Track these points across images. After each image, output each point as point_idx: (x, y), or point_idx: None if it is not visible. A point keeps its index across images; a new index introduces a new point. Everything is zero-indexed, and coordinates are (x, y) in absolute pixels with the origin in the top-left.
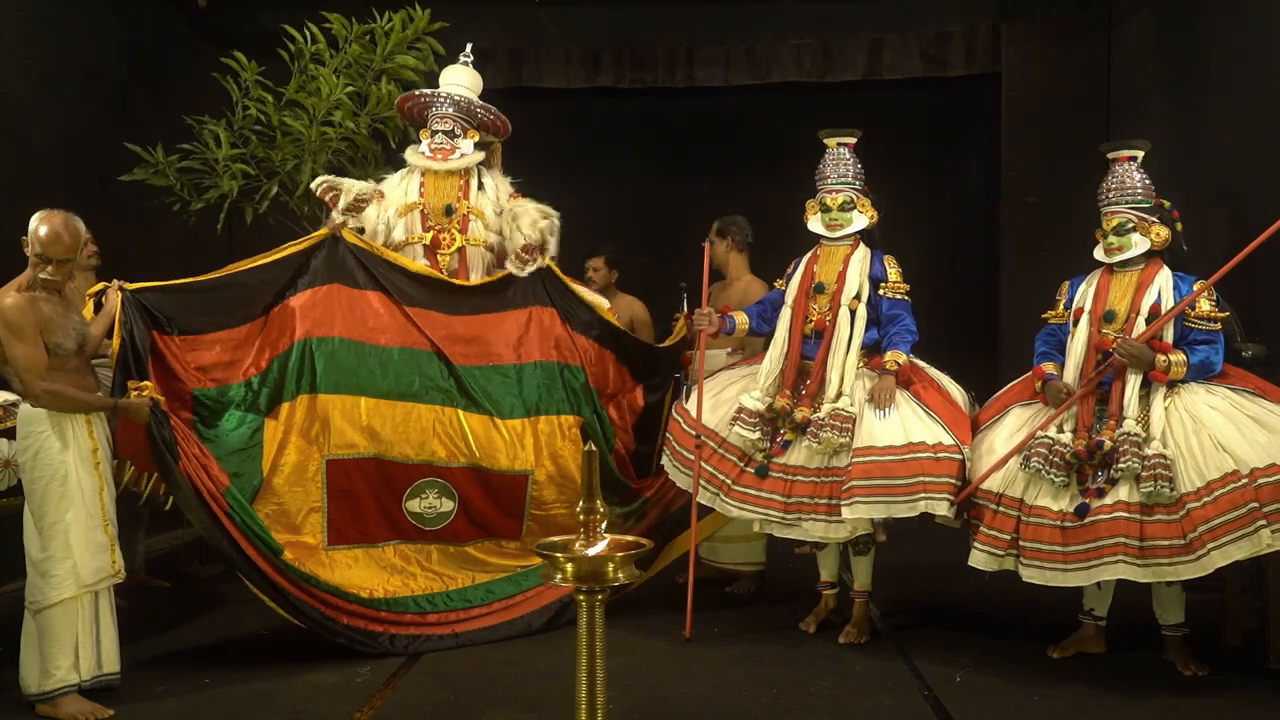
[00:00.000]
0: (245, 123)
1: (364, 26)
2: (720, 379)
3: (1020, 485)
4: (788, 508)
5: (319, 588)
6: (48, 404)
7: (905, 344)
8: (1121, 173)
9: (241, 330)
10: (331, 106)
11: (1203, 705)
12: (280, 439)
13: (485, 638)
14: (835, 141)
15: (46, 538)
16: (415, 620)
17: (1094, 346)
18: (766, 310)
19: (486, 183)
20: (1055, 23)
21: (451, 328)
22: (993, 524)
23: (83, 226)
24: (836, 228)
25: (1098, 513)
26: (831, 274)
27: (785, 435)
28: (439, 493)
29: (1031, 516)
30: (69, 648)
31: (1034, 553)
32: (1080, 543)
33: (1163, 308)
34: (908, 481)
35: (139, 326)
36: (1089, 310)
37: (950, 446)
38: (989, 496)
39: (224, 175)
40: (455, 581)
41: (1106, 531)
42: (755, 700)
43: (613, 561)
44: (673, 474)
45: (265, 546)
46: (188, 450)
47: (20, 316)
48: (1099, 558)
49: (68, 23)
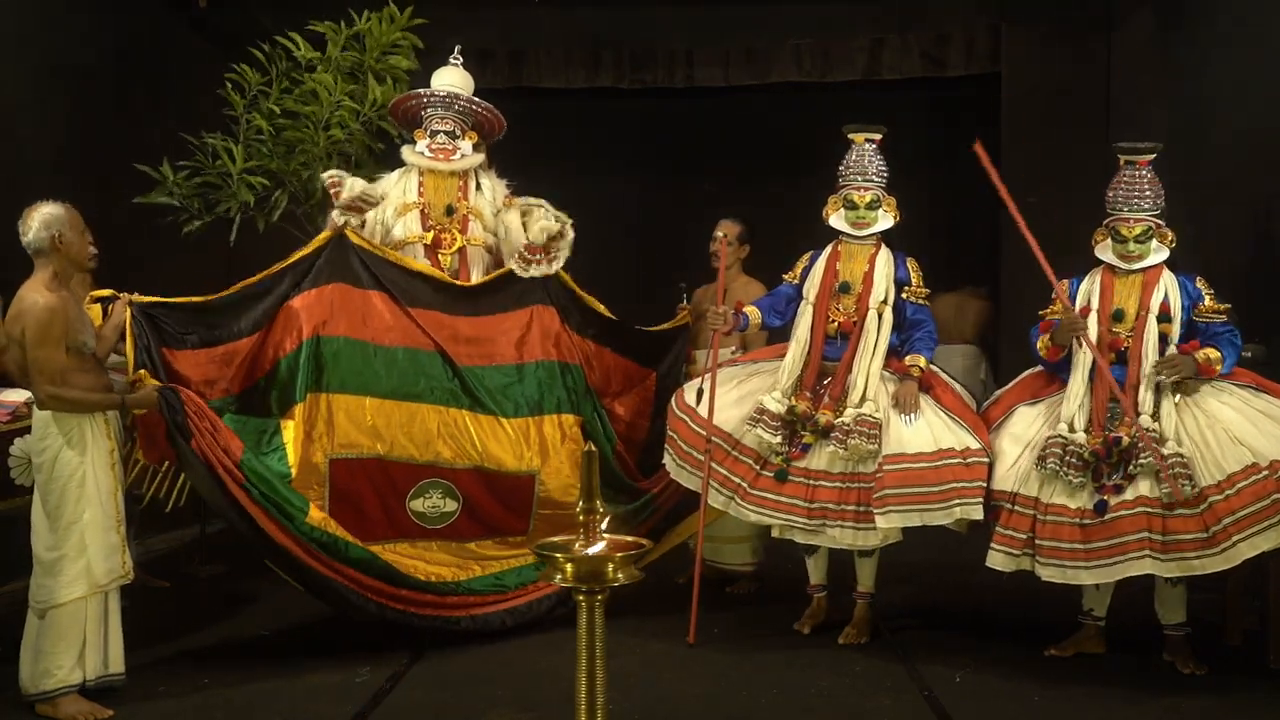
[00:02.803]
0: (249, 132)
1: (351, 30)
2: (725, 377)
3: (1035, 484)
4: (811, 513)
5: (341, 559)
6: (53, 407)
7: (929, 349)
8: (1145, 178)
9: (247, 342)
10: (334, 108)
11: (1203, 705)
12: (296, 439)
13: (500, 621)
14: (863, 137)
15: (61, 537)
16: (434, 601)
17: (1106, 345)
18: (779, 303)
19: (484, 184)
20: (1055, 23)
21: (455, 328)
22: (1009, 524)
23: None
24: (863, 226)
25: (1118, 509)
26: (857, 274)
27: (805, 438)
28: (443, 493)
29: (1049, 515)
30: (74, 648)
31: (1052, 551)
32: (1101, 540)
33: (1171, 307)
34: (941, 489)
35: (151, 340)
36: (1096, 309)
37: (978, 450)
38: (1003, 496)
39: (240, 187)
40: (464, 573)
41: (1129, 527)
42: (755, 701)
43: (612, 562)
44: (677, 474)
45: (283, 516)
46: (200, 425)
47: (54, 319)
48: (1123, 554)
49: (66, 22)
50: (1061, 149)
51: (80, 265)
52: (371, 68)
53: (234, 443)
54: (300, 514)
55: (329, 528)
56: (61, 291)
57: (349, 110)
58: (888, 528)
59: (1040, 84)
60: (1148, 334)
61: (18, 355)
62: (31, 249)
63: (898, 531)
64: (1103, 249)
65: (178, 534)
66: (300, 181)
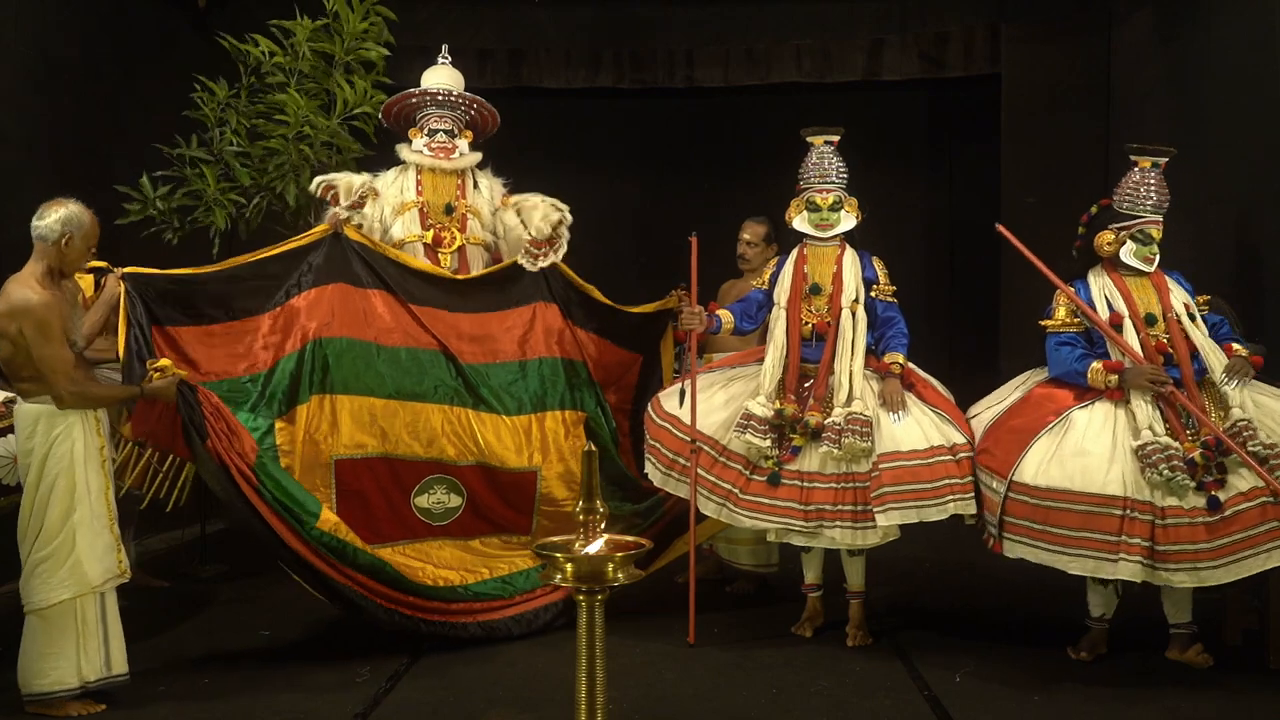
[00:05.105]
0: (222, 144)
1: (319, 21)
2: (704, 383)
3: (1146, 489)
4: (808, 515)
5: (350, 564)
6: (74, 404)
7: (903, 346)
8: (1162, 180)
9: (237, 324)
10: (301, 123)
11: (1203, 705)
12: (297, 441)
13: (507, 629)
14: (821, 139)
15: (48, 536)
16: (441, 608)
17: (1152, 351)
18: (750, 308)
19: (481, 183)
20: (1055, 23)
21: (458, 326)
22: (1133, 532)
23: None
24: (827, 228)
25: (1235, 503)
26: (825, 275)
27: (794, 441)
28: (447, 489)
29: (1169, 519)
30: (69, 649)
31: (1179, 555)
32: (1225, 536)
33: (1190, 306)
34: (934, 485)
35: (145, 318)
36: (1128, 315)
37: (964, 445)
38: (1114, 502)
39: (217, 211)
40: (472, 576)
41: (1256, 519)
42: (755, 701)
43: (612, 562)
44: (663, 483)
45: (293, 519)
46: (216, 426)
47: (52, 315)
48: (1252, 547)
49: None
50: (1061, 149)
51: (71, 270)
52: (342, 60)
53: (249, 444)
54: (311, 519)
55: (339, 533)
56: (53, 288)
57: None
58: (888, 525)
59: (1040, 84)
60: (1194, 337)
61: (7, 352)
62: (36, 236)
63: (896, 529)
64: (1126, 253)
65: (178, 534)
66: (275, 195)
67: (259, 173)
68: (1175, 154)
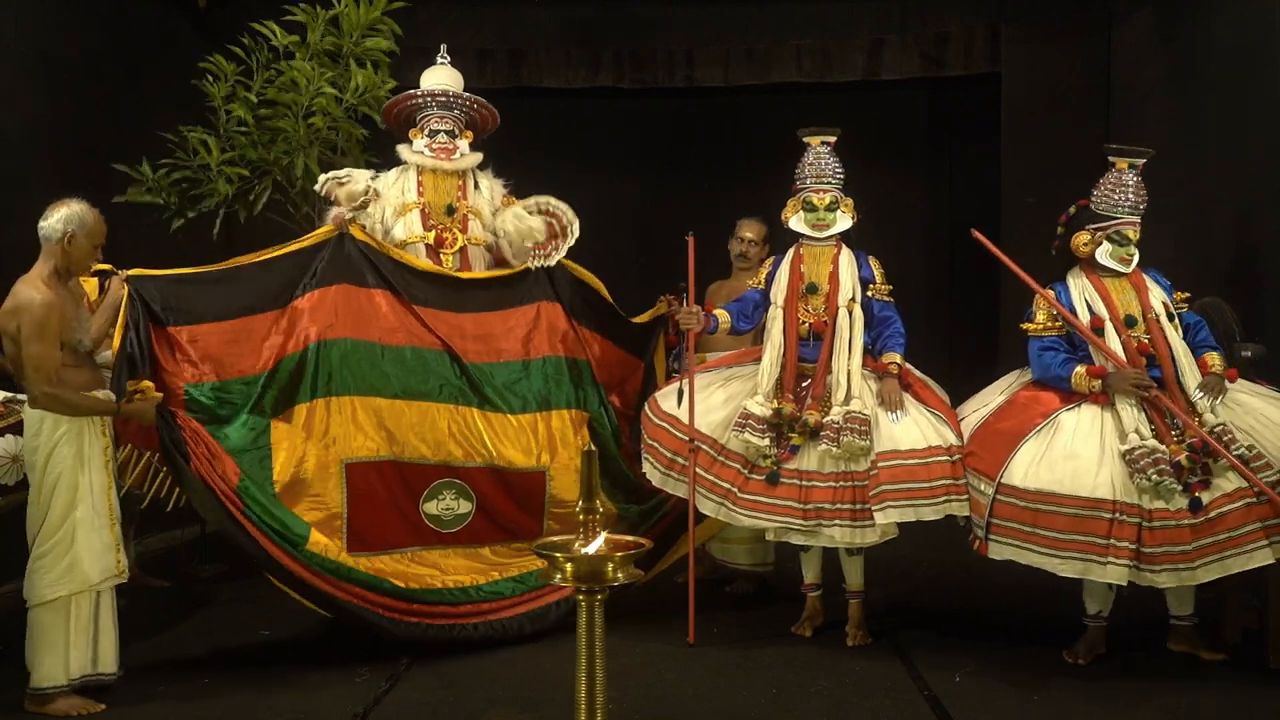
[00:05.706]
0: (230, 125)
1: (328, 12)
2: (702, 383)
3: (1134, 493)
4: (806, 514)
5: (347, 580)
6: (46, 406)
7: (900, 346)
8: (1141, 181)
9: (240, 323)
10: (314, 96)
11: (1203, 705)
12: (296, 443)
13: (520, 626)
14: (818, 140)
15: (48, 533)
16: (447, 611)
17: (1134, 354)
18: (747, 308)
19: (482, 184)
20: (1055, 23)
21: (461, 325)
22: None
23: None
24: (823, 228)
25: (1219, 504)
26: (822, 275)
27: (793, 440)
28: (456, 494)
29: (1155, 521)
30: (59, 645)
31: (1165, 557)
32: (1209, 536)
33: (1169, 306)
34: (930, 485)
35: (143, 321)
36: (1108, 317)
37: (960, 448)
38: (1103, 505)
39: (219, 180)
40: (482, 578)
41: (1240, 520)
42: (755, 701)
43: (612, 561)
44: (662, 483)
45: (284, 540)
46: (196, 450)
47: (50, 316)
48: (1236, 547)
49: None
50: (1060, 149)
51: (79, 270)
52: (351, 51)
53: (230, 468)
54: (301, 540)
55: (330, 554)
56: (59, 288)
57: (329, 97)
58: (886, 524)
59: (1039, 84)
60: (1170, 338)
61: (11, 350)
62: (41, 236)
63: (894, 528)
64: (1102, 254)
65: (178, 534)
66: (282, 169)
67: (266, 148)
68: (1154, 155)
